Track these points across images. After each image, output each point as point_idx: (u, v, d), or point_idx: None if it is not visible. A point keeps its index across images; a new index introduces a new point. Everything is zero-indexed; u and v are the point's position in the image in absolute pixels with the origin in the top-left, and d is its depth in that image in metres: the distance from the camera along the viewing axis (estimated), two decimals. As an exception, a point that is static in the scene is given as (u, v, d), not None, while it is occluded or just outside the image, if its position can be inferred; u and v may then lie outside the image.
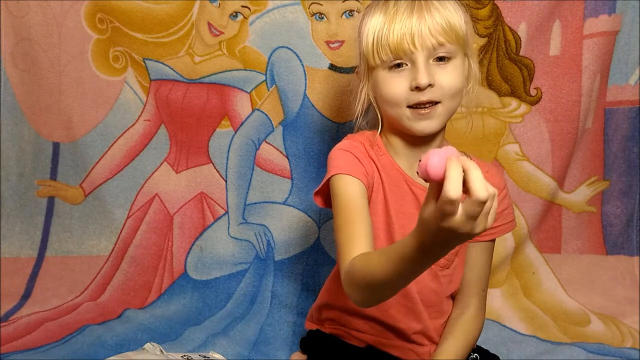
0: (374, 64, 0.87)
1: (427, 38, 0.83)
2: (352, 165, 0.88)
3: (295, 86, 1.35)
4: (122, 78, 1.40)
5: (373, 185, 0.91)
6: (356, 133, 0.98)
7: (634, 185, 1.39)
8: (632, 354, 1.21)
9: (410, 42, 0.83)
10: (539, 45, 1.32)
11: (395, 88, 0.86)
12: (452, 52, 0.85)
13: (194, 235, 1.42)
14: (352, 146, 0.91)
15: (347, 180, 0.86)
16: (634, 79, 1.34)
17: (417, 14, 0.83)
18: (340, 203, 0.86)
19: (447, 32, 0.84)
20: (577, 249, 1.41)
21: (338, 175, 0.87)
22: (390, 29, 0.84)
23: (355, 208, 0.84)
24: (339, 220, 0.84)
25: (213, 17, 1.35)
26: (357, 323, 0.98)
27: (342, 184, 0.87)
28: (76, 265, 1.43)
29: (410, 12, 0.84)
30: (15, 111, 1.43)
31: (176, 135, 1.42)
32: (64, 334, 1.25)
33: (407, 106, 0.86)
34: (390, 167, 0.92)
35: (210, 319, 1.32)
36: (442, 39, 0.83)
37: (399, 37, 0.83)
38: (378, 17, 0.86)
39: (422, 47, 0.83)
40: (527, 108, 1.34)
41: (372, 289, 0.72)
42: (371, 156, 0.92)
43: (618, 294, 1.38)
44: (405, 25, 0.83)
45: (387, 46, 0.84)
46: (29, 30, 1.38)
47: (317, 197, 0.93)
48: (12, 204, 1.45)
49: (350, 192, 0.86)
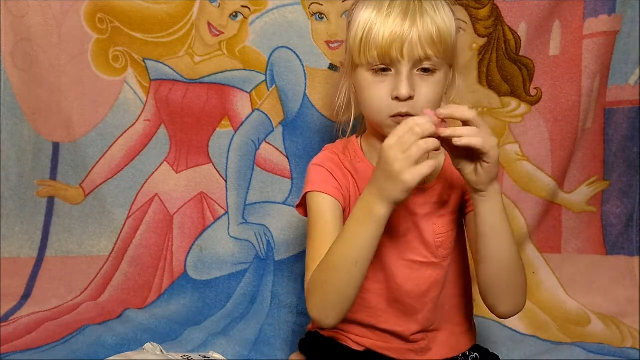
0: (359, 63, 0.86)
1: (416, 48, 0.81)
2: (324, 181, 0.90)
3: (295, 86, 1.35)
4: (122, 78, 1.40)
5: (350, 196, 0.92)
6: (334, 143, 1.01)
7: (634, 185, 1.39)
8: (632, 354, 1.21)
9: (398, 50, 0.82)
10: (539, 45, 1.32)
11: (376, 95, 0.86)
12: (438, 65, 0.84)
13: (194, 235, 1.42)
14: (326, 159, 0.94)
15: (319, 198, 0.89)
16: (634, 79, 1.34)
17: (410, 19, 0.82)
18: (311, 220, 0.90)
19: (437, 45, 0.82)
20: (577, 249, 1.41)
21: (312, 193, 0.90)
22: (381, 30, 0.82)
23: (324, 226, 0.87)
24: (310, 236, 0.89)
25: (213, 17, 1.35)
26: (354, 329, 0.97)
27: (315, 201, 0.90)
28: (76, 265, 1.43)
29: (403, 16, 0.82)
30: (15, 111, 1.43)
31: (176, 135, 1.42)
32: (64, 334, 1.25)
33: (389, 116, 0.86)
34: (368, 172, 0.91)
35: (210, 319, 1.32)
36: (430, 52, 0.82)
37: (388, 42, 0.82)
38: (371, 12, 0.84)
39: (409, 57, 0.82)
40: (527, 108, 1.35)
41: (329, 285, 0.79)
42: (346, 166, 0.93)
43: (618, 294, 1.38)
44: (396, 31, 0.81)
45: (375, 49, 0.83)
46: (29, 30, 1.38)
47: (299, 208, 0.96)
48: (12, 204, 1.45)
49: (321, 209, 0.88)
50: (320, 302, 0.82)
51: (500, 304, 0.86)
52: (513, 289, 0.85)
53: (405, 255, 0.92)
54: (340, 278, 0.79)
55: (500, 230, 0.80)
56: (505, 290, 0.84)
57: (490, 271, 0.83)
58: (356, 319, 0.95)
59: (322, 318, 0.83)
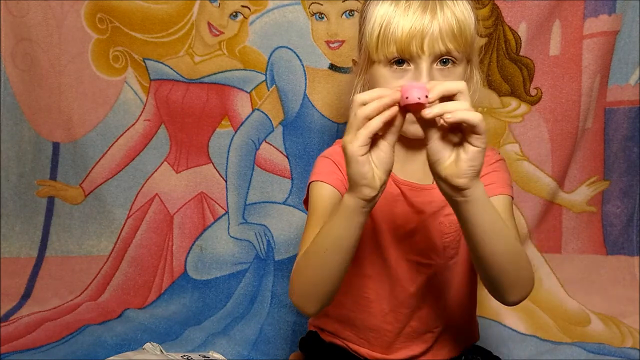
0: (376, 59, 0.82)
1: (436, 43, 0.78)
2: (329, 172, 0.88)
3: (295, 86, 1.35)
4: (122, 78, 1.40)
5: None
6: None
7: (634, 185, 1.39)
8: (632, 354, 1.21)
9: (418, 44, 0.78)
10: (539, 45, 1.32)
11: None
12: (458, 59, 0.81)
13: (194, 235, 1.42)
14: (335, 152, 0.91)
15: (321, 188, 0.87)
16: (634, 79, 1.34)
17: (430, 12, 0.78)
18: (310, 208, 0.88)
19: (457, 38, 0.79)
20: (577, 249, 1.41)
21: (314, 182, 0.88)
22: (400, 24, 0.78)
23: (320, 216, 0.84)
24: (307, 223, 0.86)
25: (213, 17, 1.35)
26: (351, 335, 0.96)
27: (316, 191, 0.88)
28: (76, 265, 1.43)
29: (423, 9, 0.78)
30: (15, 111, 1.43)
31: (176, 135, 1.42)
32: (64, 334, 1.25)
33: None
34: None
35: (210, 318, 1.32)
36: (451, 46, 0.79)
37: (408, 36, 0.78)
38: (388, 7, 0.80)
39: (430, 52, 0.78)
40: (527, 108, 1.34)
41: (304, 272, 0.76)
42: None
43: (618, 294, 1.38)
44: (416, 24, 0.77)
45: (393, 43, 0.79)
46: (29, 30, 1.38)
47: (305, 204, 0.94)
48: (12, 204, 1.45)
49: (320, 199, 0.86)
50: (298, 288, 0.80)
51: (507, 295, 0.78)
52: (520, 281, 0.77)
53: (410, 256, 0.90)
54: (313, 265, 0.76)
55: (494, 231, 0.70)
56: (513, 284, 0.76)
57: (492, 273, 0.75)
58: (356, 322, 0.94)
59: (300, 304, 0.80)
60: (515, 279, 0.76)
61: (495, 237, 0.70)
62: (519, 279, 0.76)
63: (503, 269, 0.74)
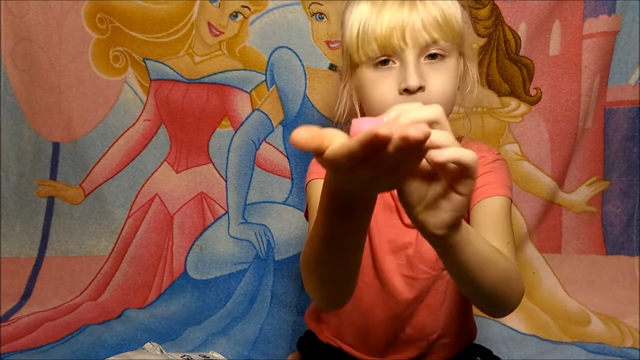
0: (358, 61, 0.78)
1: (419, 33, 0.74)
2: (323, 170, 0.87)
3: (295, 86, 1.35)
4: (122, 78, 1.40)
5: None
6: None
7: (634, 185, 1.39)
8: (632, 353, 1.21)
9: (400, 37, 0.74)
10: (538, 45, 1.32)
11: (382, 92, 0.77)
12: (447, 50, 0.77)
13: (194, 235, 1.42)
14: None
15: (317, 184, 0.84)
16: (634, 79, 1.34)
17: (408, 5, 0.74)
18: (310, 208, 0.85)
19: (442, 27, 0.75)
20: (577, 249, 1.41)
21: (311, 182, 0.86)
22: (378, 20, 0.75)
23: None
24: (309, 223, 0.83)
25: (213, 17, 1.35)
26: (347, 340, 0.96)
27: (314, 189, 0.85)
28: (76, 265, 1.43)
29: (400, 3, 0.75)
30: (15, 111, 1.43)
31: (176, 135, 1.42)
32: (64, 334, 1.25)
33: None
34: None
35: (210, 318, 1.32)
36: (436, 35, 0.74)
37: (388, 30, 0.74)
38: (364, 5, 0.77)
39: (414, 44, 0.74)
40: (527, 108, 1.35)
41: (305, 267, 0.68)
42: None
43: (618, 294, 1.38)
44: (395, 17, 0.74)
45: (374, 40, 0.75)
46: (29, 30, 1.38)
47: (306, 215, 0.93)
48: (12, 204, 1.45)
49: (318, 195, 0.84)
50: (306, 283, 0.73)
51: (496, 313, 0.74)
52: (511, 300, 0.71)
53: (403, 270, 0.89)
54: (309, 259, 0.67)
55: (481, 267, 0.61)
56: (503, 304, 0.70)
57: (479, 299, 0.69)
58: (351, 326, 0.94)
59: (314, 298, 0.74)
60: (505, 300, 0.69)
61: (481, 272, 0.61)
62: (510, 300, 0.70)
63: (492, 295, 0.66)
